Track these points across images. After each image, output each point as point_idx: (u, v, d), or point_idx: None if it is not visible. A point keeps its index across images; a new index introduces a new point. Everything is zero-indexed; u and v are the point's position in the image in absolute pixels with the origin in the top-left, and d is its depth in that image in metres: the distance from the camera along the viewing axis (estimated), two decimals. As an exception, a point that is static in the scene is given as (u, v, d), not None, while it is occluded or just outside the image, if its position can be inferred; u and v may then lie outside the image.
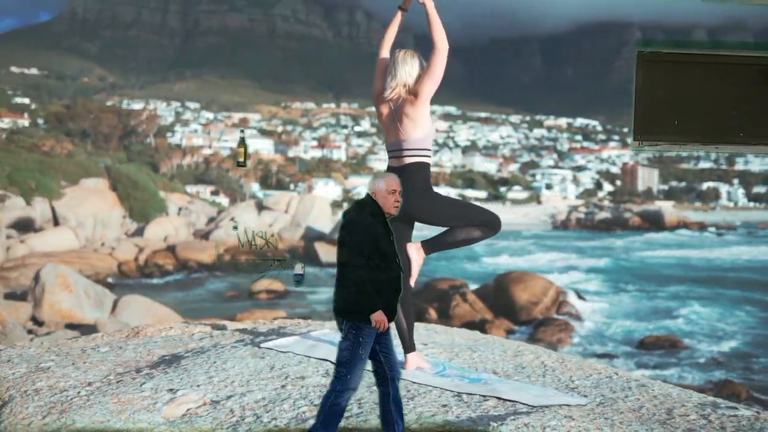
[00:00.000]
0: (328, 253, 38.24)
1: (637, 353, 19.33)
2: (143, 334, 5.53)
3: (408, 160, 4.32)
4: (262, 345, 4.82)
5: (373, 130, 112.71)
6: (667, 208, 77.98)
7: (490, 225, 4.38)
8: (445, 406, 3.70)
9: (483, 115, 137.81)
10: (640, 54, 2.95)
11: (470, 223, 4.34)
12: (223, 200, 62.50)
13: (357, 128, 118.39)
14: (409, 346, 4.37)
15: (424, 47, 4.40)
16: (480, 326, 20.32)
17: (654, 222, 70.31)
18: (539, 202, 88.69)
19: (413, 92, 4.31)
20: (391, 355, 3.31)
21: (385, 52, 4.55)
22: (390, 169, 4.45)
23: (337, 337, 5.09)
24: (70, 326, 18.62)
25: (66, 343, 5.25)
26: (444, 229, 4.40)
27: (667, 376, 16.53)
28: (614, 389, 4.32)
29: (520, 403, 3.80)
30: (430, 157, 4.40)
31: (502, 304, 22.89)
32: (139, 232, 39.85)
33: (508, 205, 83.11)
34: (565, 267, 36.80)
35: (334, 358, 4.51)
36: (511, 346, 5.46)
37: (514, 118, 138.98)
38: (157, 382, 4.03)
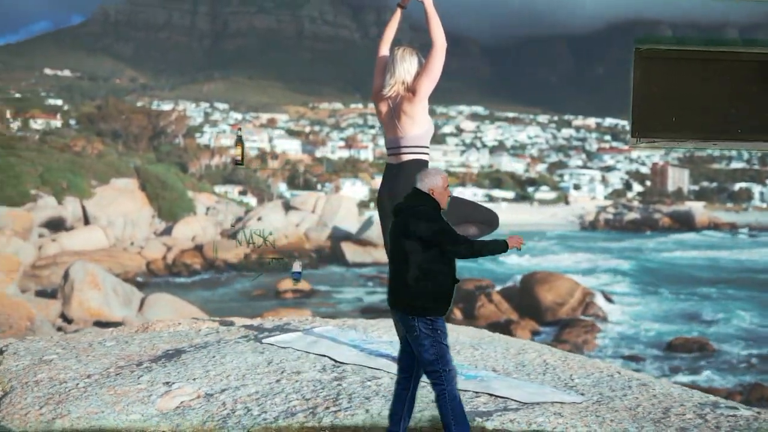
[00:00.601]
0: (354, 252, 38.35)
1: (665, 356, 19.15)
2: (152, 330, 5.62)
3: (406, 158, 4.33)
4: (263, 341, 4.88)
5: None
6: (697, 208, 76.81)
7: (488, 222, 4.37)
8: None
9: (511, 114, 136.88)
10: (638, 51, 2.95)
11: (468, 221, 4.34)
12: (250, 200, 63.01)
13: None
14: (406, 343, 4.39)
15: (449, 48, 4.39)
16: (505, 327, 20.31)
17: (684, 223, 69.34)
18: (567, 202, 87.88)
19: (411, 90, 4.32)
20: None
21: (384, 50, 4.57)
22: (388, 166, 4.47)
23: (340, 334, 5.14)
24: (99, 324, 18.94)
25: (74, 337, 5.37)
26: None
27: (696, 379, 16.36)
28: (614, 388, 4.30)
29: (512, 399, 3.80)
30: (428, 154, 4.41)
31: (528, 304, 22.83)
32: (167, 232, 40.38)
33: (536, 206, 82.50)
34: (592, 268, 36.50)
35: (333, 355, 4.56)
36: (516, 344, 5.44)
37: (542, 118, 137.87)
38: (154, 375, 4.11)
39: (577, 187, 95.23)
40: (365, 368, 4.26)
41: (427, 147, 4.40)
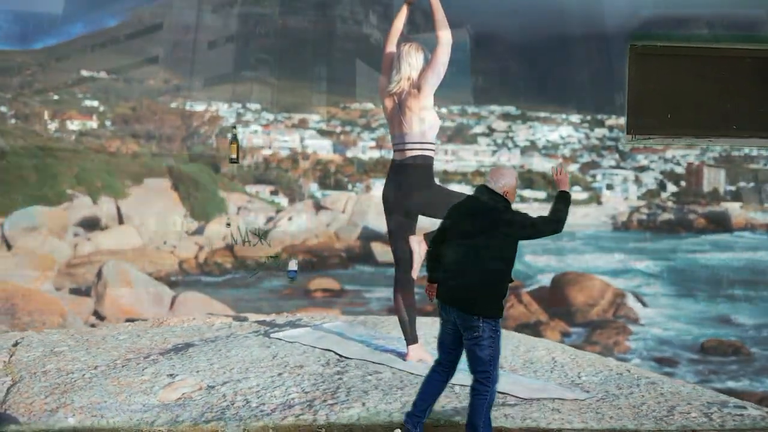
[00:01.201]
0: (384, 252, 38.36)
1: (698, 359, 18.88)
2: (166, 324, 5.70)
3: (411, 154, 4.35)
4: (272, 335, 4.92)
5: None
6: (734, 209, 75.30)
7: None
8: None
9: (542, 114, 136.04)
10: (633, 48, 2.94)
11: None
12: (282, 200, 63.32)
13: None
14: (410, 339, 4.39)
15: (480, 47, 4.38)
16: (534, 328, 20.18)
17: (720, 224, 67.88)
18: (599, 203, 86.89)
19: (417, 86, 4.33)
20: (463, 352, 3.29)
21: (391, 46, 4.58)
22: (394, 162, 4.49)
23: (348, 329, 5.16)
24: (130, 321, 19.17)
25: (89, 331, 5.48)
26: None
27: (731, 383, 16.14)
28: (621, 386, 4.26)
29: (511, 395, 3.78)
30: (433, 150, 4.41)
31: (558, 305, 22.62)
32: (199, 231, 40.84)
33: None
34: (624, 269, 36.01)
35: (338, 349, 4.58)
36: (527, 342, 5.40)
37: (575, 118, 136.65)
38: (159, 367, 4.17)
39: (609, 187, 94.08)
40: (368, 363, 4.28)
41: (433, 143, 4.41)
